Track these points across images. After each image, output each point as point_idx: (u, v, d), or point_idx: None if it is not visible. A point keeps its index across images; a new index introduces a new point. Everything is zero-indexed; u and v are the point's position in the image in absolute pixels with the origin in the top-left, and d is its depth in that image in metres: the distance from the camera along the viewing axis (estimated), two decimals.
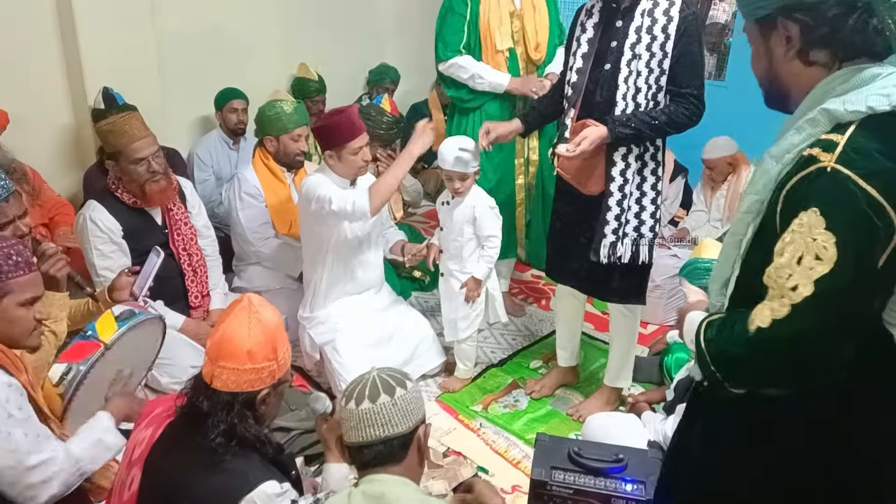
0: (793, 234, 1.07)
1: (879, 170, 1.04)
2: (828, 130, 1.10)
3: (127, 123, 2.64)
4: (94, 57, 3.59)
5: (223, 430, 1.54)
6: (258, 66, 4.50)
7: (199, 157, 4.04)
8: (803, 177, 1.09)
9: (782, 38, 1.18)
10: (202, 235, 3.02)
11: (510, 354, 3.32)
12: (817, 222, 1.04)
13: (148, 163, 2.66)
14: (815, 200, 1.05)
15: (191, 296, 2.94)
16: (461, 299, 2.90)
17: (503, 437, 2.75)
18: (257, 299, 1.63)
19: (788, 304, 1.07)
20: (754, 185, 1.19)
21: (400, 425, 1.47)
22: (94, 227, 2.69)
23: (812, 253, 1.05)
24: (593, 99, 2.44)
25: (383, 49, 5.13)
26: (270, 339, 1.58)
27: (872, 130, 1.07)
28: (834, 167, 1.05)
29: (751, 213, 1.20)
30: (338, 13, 4.94)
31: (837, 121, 1.10)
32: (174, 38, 3.98)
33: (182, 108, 4.17)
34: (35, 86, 3.58)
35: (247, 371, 1.56)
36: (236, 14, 4.36)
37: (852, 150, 1.05)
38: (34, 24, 3.51)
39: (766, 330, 1.09)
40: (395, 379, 1.51)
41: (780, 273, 1.08)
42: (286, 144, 3.31)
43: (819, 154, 1.07)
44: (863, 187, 1.03)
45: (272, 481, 1.55)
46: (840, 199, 1.04)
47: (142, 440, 1.67)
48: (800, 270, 1.06)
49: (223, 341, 1.56)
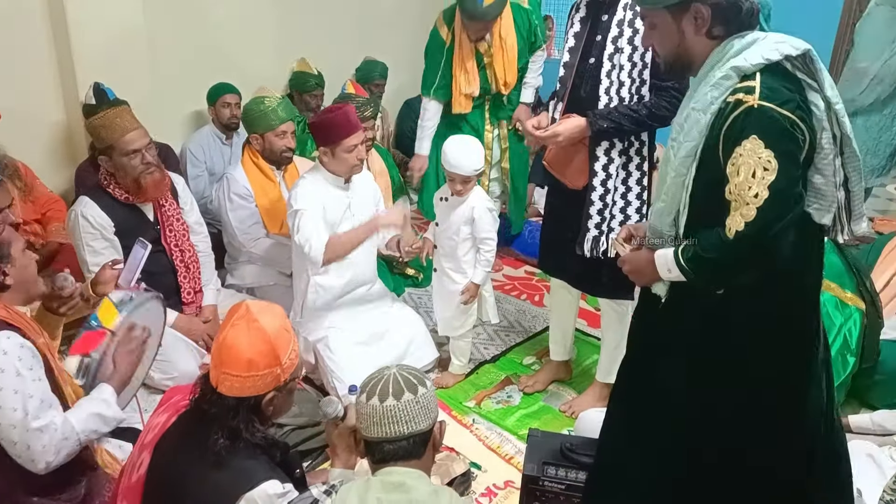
0: (741, 159, 1.42)
1: (789, 98, 1.42)
2: (738, 81, 1.45)
3: (118, 116, 2.63)
4: (86, 52, 3.57)
5: (228, 433, 1.55)
6: (251, 61, 4.48)
7: (191, 152, 4.02)
8: (736, 116, 1.44)
9: (692, 19, 1.53)
10: (194, 231, 3.00)
11: (503, 350, 3.32)
12: (757, 145, 1.41)
13: (142, 155, 2.64)
14: (752, 130, 1.41)
15: (183, 292, 2.92)
16: (456, 299, 2.89)
17: (496, 432, 2.76)
18: (256, 306, 1.62)
19: (754, 207, 1.42)
20: (688, 134, 1.52)
21: (423, 422, 1.51)
22: (86, 224, 2.68)
23: (761, 167, 1.41)
24: (579, 94, 2.44)
25: (377, 44, 5.11)
26: (271, 346, 1.57)
27: (773, 74, 1.44)
28: (759, 104, 1.41)
29: (689, 157, 1.53)
30: (331, 7, 4.93)
31: (744, 73, 1.45)
32: (166, 33, 3.96)
33: (174, 103, 4.15)
34: (26, 81, 3.56)
35: (250, 378, 1.56)
36: (229, 8, 4.35)
37: (767, 89, 1.42)
38: (26, 20, 3.50)
39: (741, 231, 1.44)
40: (416, 377, 1.54)
41: (741, 188, 1.43)
42: (272, 142, 3.28)
43: (744, 97, 1.43)
44: (783, 113, 1.41)
45: (274, 481, 1.56)
46: (769, 125, 1.41)
47: (156, 425, 1.69)
48: (755, 182, 1.41)
49: (223, 349, 1.56)
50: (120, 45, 3.66)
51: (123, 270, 2.32)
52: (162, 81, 3.92)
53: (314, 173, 2.82)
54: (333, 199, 2.81)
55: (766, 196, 1.41)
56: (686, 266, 1.55)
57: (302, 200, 2.72)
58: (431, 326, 3.18)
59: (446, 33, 3.50)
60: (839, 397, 2.60)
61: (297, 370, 1.67)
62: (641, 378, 1.80)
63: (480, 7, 3.30)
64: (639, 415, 1.79)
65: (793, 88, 1.44)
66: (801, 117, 1.43)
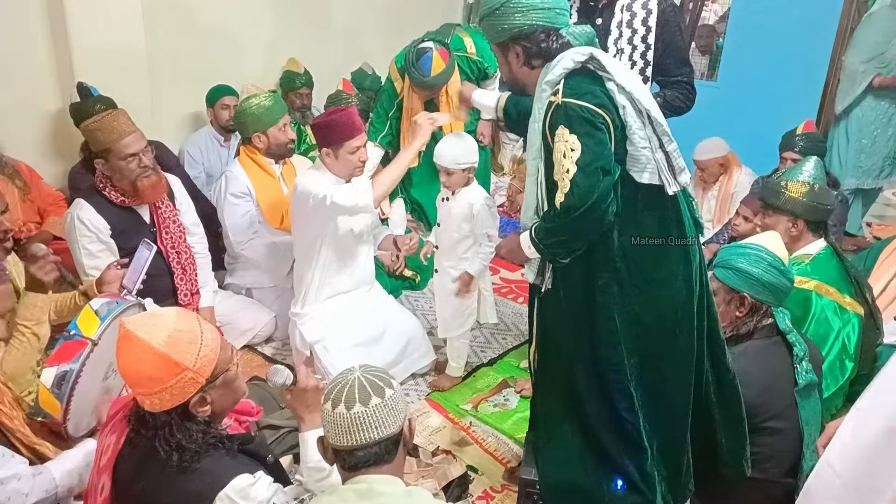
0: (556, 145, 1.76)
1: (587, 92, 1.74)
2: (552, 91, 1.78)
3: (115, 120, 2.61)
4: (84, 53, 3.57)
5: (174, 446, 1.54)
6: (248, 63, 4.49)
7: (189, 154, 4.02)
8: (549, 114, 1.78)
9: (514, 55, 1.89)
10: (191, 233, 2.99)
11: (500, 353, 3.32)
12: (564, 132, 1.73)
13: (139, 158, 2.64)
14: (559, 121, 1.75)
15: (180, 294, 2.91)
16: (452, 298, 2.90)
17: (493, 435, 2.75)
18: (134, 322, 1.54)
19: (568, 181, 1.73)
20: (532, 141, 1.87)
21: (392, 426, 1.48)
22: (82, 227, 2.67)
23: (569, 149, 1.72)
24: None
25: (369, 46, 5.12)
26: (163, 357, 1.49)
27: (573, 78, 1.77)
28: (562, 100, 1.75)
29: (537, 159, 1.87)
30: (326, 10, 4.95)
31: (555, 84, 1.77)
32: (164, 35, 3.97)
33: (172, 104, 4.15)
34: (25, 81, 3.57)
35: (163, 391, 1.51)
36: (227, 10, 4.35)
37: (568, 89, 1.75)
38: (24, 20, 3.50)
39: (563, 203, 1.75)
40: (382, 379, 1.51)
41: (559, 168, 1.75)
42: (276, 136, 3.29)
43: (553, 98, 1.77)
44: (580, 104, 1.73)
45: (243, 475, 1.56)
46: (569, 115, 1.73)
47: (107, 446, 1.65)
48: (566, 161, 1.73)
49: (122, 373, 1.54)
50: (119, 45, 3.66)
51: (128, 272, 2.31)
52: (160, 83, 3.92)
53: (316, 172, 2.82)
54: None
55: (575, 171, 1.72)
56: (535, 238, 1.88)
57: (321, 188, 2.68)
58: (428, 329, 3.17)
59: (400, 86, 3.61)
60: (837, 402, 2.60)
61: (224, 361, 1.60)
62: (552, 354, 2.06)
63: (428, 78, 3.47)
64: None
65: (592, 83, 1.76)
66: (598, 104, 1.73)
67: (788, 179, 2.74)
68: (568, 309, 1.94)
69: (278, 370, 1.84)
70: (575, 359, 1.96)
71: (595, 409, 1.96)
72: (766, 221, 2.79)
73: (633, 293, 1.87)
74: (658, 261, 1.86)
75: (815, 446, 2.08)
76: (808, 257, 2.71)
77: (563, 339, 1.98)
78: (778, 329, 2.16)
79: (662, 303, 1.88)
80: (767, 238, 2.26)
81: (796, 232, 2.71)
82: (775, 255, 2.14)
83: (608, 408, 1.94)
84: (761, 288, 2.11)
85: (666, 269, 1.87)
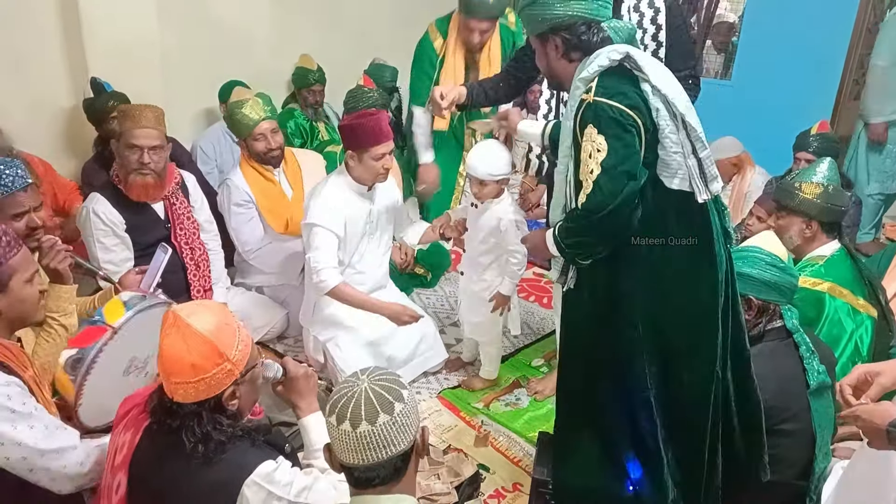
0: (584, 145, 1.72)
1: (619, 92, 1.70)
2: (586, 89, 1.74)
3: (143, 112, 2.67)
4: (98, 49, 3.58)
5: (201, 438, 1.54)
6: (262, 59, 4.49)
7: (202, 149, 4.03)
8: (580, 112, 1.74)
9: (553, 47, 1.86)
10: (204, 230, 3.01)
11: (512, 352, 3.32)
12: (592, 132, 1.70)
13: (141, 153, 2.64)
14: (588, 120, 1.72)
15: (193, 290, 2.93)
16: (482, 306, 2.86)
17: (504, 434, 2.76)
18: (185, 309, 1.55)
19: (591, 182, 1.71)
20: (564, 138, 1.84)
21: (402, 443, 1.37)
22: (97, 220, 2.69)
23: (595, 149, 1.69)
24: None
25: (381, 40, 5.11)
26: (211, 346, 1.51)
27: (607, 76, 1.73)
28: (594, 99, 1.71)
29: (567, 157, 1.84)
30: (338, 4, 4.93)
31: (588, 81, 1.74)
32: (178, 30, 3.97)
33: (185, 100, 4.15)
34: (38, 77, 3.57)
35: (200, 381, 1.52)
36: (240, 6, 4.35)
37: (601, 87, 1.71)
38: (38, 16, 3.50)
39: (585, 203, 1.73)
40: (391, 391, 1.37)
41: (583, 168, 1.73)
42: (251, 146, 3.17)
43: (585, 96, 1.73)
44: (612, 104, 1.69)
45: (267, 461, 1.57)
46: (599, 115, 1.70)
47: (122, 444, 1.64)
48: (592, 161, 1.70)
49: (164, 360, 1.53)
50: (132, 42, 3.67)
51: (145, 275, 2.37)
52: (173, 79, 3.92)
53: (337, 178, 2.80)
54: (355, 209, 2.80)
55: (599, 172, 1.69)
56: (557, 236, 1.86)
57: (318, 215, 2.69)
58: (440, 327, 3.17)
59: (440, 45, 3.54)
60: None
61: (253, 358, 1.62)
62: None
63: (487, 2, 3.36)
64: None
65: (626, 83, 1.72)
66: (630, 105, 1.69)
67: (802, 181, 2.72)
68: (591, 311, 1.92)
69: (268, 365, 1.83)
70: (595, 362, 1.94)
71: (613, 415, 1.94)
72: (779, 223, 2.77)
73: (656, 301, 1.83)
74: (683, 269, 1.82)
75: (827, 448, 2.08)
76: (821, 259, 2.69)
77: (585, 341, 1.96)
78: (788, 331, 2.15)
79: (686, 312, 1.84)
80: (762, 238, 2.25)
81: (810, 233, 2.70)
82: (772, 253, 2.13)
83: (626, 414, 1.92)
84: (763, 287, 2.10)
85: (691, 278, 1.83)
